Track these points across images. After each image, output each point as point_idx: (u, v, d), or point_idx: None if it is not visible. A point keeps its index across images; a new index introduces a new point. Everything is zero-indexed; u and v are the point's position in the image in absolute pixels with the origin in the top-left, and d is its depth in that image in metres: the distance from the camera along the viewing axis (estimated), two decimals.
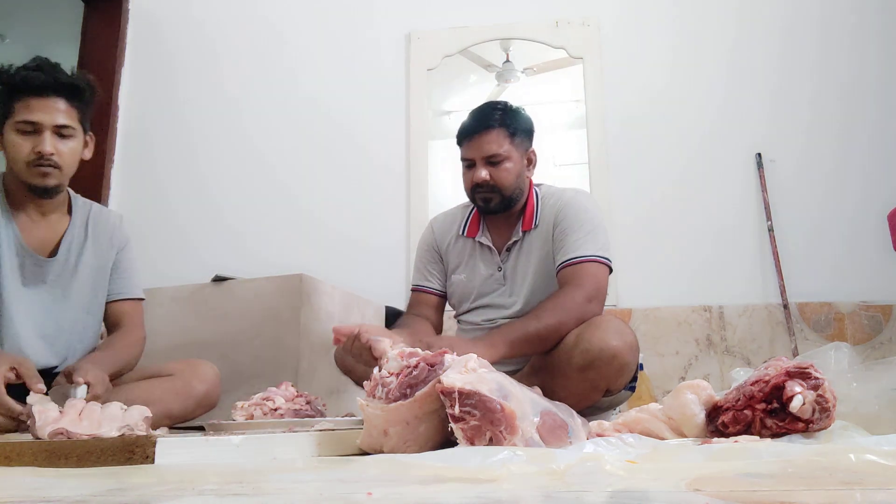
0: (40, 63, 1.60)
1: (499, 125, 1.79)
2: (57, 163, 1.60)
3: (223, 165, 3.23)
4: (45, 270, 1.67)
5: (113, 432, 1.09)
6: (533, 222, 1.83)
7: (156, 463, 0.88)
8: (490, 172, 1.78)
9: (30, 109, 1.57)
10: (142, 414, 1.20)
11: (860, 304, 2.72)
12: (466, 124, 1.84)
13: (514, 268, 1.84)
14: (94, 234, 1.77)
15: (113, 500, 0.66)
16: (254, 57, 3.32)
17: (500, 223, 1.89)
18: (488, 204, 1.81)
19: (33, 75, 1.57)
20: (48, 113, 1.58)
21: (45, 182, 1.61)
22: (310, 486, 0.74)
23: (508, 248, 1.85)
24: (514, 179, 1.80)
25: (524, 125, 1.85)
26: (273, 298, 2.26)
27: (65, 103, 1.60)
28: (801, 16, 3.00)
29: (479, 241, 1.89)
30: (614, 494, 0.69)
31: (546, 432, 1.03)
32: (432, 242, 1.97)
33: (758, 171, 2.88)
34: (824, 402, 1.09)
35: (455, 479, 0.75)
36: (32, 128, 1.57)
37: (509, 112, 1.83)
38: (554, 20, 3.14)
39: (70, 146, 1.62)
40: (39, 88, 1.57)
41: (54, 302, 1.69)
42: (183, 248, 3.13)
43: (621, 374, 1.59)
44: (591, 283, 1.67)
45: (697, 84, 3.01)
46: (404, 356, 1.06)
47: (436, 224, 2.00)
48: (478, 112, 1.85)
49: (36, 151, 1.57)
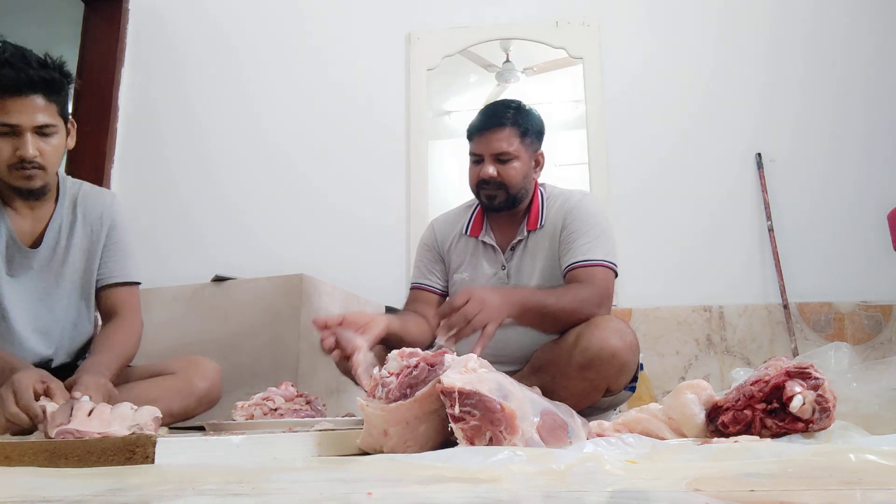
0: (9, 56, 1.48)
1: (511, 123, 1.79)
2: (41, 164, 1.53)
3: (223, 165, 3.23)
4: (32, 260, 1.63)
5: (123, 432, 1.09)
6: (538, 222, 1.83)
7: (156, 463, 0.88)
8: (497, 170, 1.78)
9: (6, 111, 1.48)
10: (152, 414, 1.19)
11: (860, 304, 2.72)
12: (478, 120, 1.83)
13: (518, 267, 1.83)
14: (84, 215, 1.70)
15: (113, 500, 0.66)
16: (254, 57, 3.32)
17: (504, 222, 1.88)
18: (492, 201, 1.81)
19: (6, 74, 1.47)
20: (27, 113, 1.49)
21: (31, 185, 1.55)
22: (310, 486, 0.74)
23: (513, 247, 1.85)
24: (520, 179, 1.80)
25: (535, 126, 1.85)
26: (273, 298, 2.26)
27: (42, 99, 1.51)
28: (801, 16, 3.00)
29: (483, 241, 1.88)
30: (614, 494, 0.69)
31: (546, 432, 1.03)
32: (433, 243, 1.96)
33: (757, 170, 2.88)
34: (824, 402, 1.09)
35: (455, 479, 0.75)
36: (11, 129, 1.49)
37: (522, 112, 1.83)
38: (554, 20, 3.14)
39: (53, 143, 1.55)
40: (13, 88, 1.47)
41: (46, 291, 1.65)
42: (183, 246, 3.12)
43: (621, 374, 1.59)
44: (601, 286, 1.67)
45: (697, 84, 3.01)
46: (404, 356, 1.06)
47: (437, 224, 2.00)
48: (491, 109, 1.85)
49: (18, 155, 1.50)
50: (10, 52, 1.49)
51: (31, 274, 1.64)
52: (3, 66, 1.47)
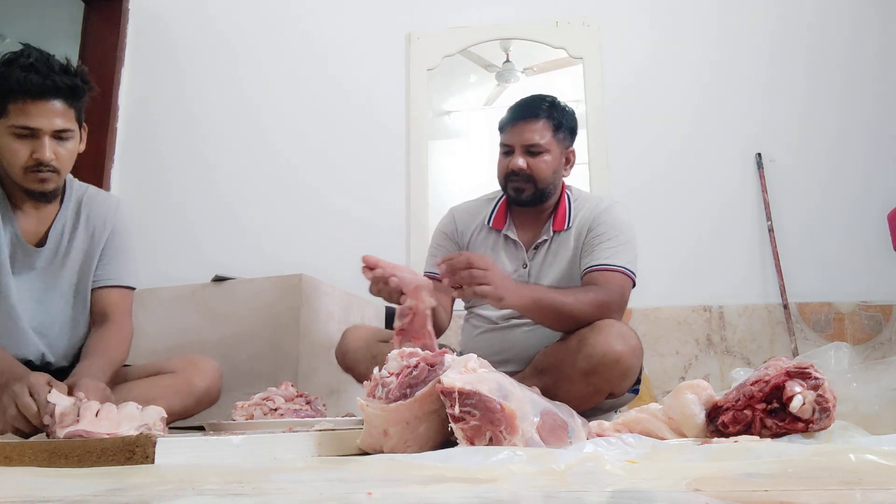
0: (34, 61, 1.50)
1: (545, 116, 1.78)
2: (56, 167, 1.55)
3: (223, 165, 3.23)
4: (35, 259, 1.64)
5: (132, 432, 1.09)
6: (566, 223, 1.81)
7: (156, 463, 0.88)
8: (528, 162, 1.76)
9: (27, 114, 1.50)
10: (159, 413, 1.19)
11: (860, 304, 2.72)
12: (512, 111, 1.82)
13: (540, 267, 1.81)
14: (87, 218, 1.71)
15: (113, 500, 0.66)
16: (254, 57, 3.32)
17: (528, 219, 1.86)
18: (520, 194, 1.79)
19: (31, 79, 1.49)
20: (47, 118, 1.51)
21: (44, 187, 1.57)
22: (310, 486, 0.74)
23: (536, 246, 1.82)
24: (550, 173, 1.78)
25: (569, 122, 1.83)
26: (273, 298, 2.26)
27: (63, 105, 1.53)
28: (801, 16, 3.00)
29: (506, 235, 1.85)
30: (614, 494, 0.69)
31: (546, 432, 1.03)
32: (452, 231, 1.93)
33: (758, 170, 2.88)
34: (824, 402, 1.09)
35: (455, 479, 0.75)
36: (31, 132, 1.51)
37: (557, 106, 1.81)
38: (554, 20, 3.14)
39: (69, 148, 1.58)
40: (37, 93, 1.49)
41: (45, 291, 1.66)
42: (183, 246, 3.12)
43: (625, 379, 1.58)
44: (617, 292, 1.67)
45: (697, 84, 3.01)
46: (404, 356, 1.06)
47: (457, 213, 1.95)
48: (526, 100, 1.83)
49: (35, 158, 1.52)
50: (35, 57, 1.51)
51: (32, 273, 1.65)
52: (29, 70, 1.49)
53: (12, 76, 1.48)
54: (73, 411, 1.13)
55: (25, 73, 1.48)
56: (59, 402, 1.16)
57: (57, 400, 1.17)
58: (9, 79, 1.48)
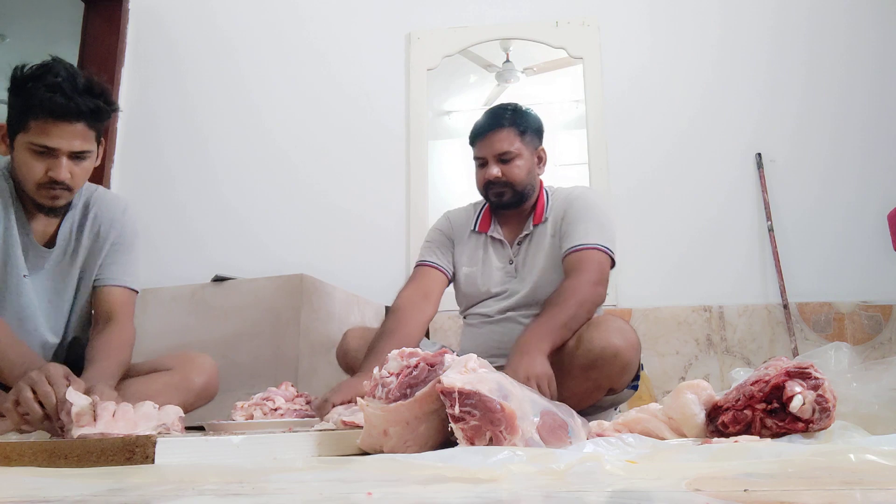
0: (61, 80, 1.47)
1: (509, 124, 1.85)
2: (70, 186, 1.55)
3: (223, 165, 3.23)
4: (45, 260, 1.65)
5: (149, 432, 1.08)
6: (543, 216, 1.89)
7: (156, 463, 0.88)
8: (502, 169, 1.84)
9: (47, 134, 1.47)
10: (177, 413, 1.19)
11: (860, 304, 2.72)
12: (478, 125, 1.91)
13: (524, 260, 1.88)
14: (94, 218, 1.71)
15: (113, 500, 0.66)
16: (254, 57, 3.32)
17: (512, 219, 1.94)
18: (501, 199, 1.87)
19: (55, 100, 1.45)
20: (66, 139, 1.49)
21: (55, 203, 1.57)
22: (310, 486, 0.74)
23: (519, 241, 1.90)
24: (525, 175, 1.86)
25: (533, 124, 1.91)
26: (273, 298, 2.26)
27: (84, 126, 1.51)
28: (801, 16, 3.00)
29: (492, 236, 1.93)
30: (614, 494, 0.69)
31: (546, 432, 1.03)
32: (448, 230, 2.00)
33: (757, 170, 2.88)
34: (824, 402, 1.09)
35: (455, 479, 0.75)
36: (48, 151, 1.49)
37: (519, 112, 1.90)
38: (554, 20, 3.14)
39: (84, 166, 1.57)
40: (60, 114, 1.47)
41: (55, 291, 1.67)
42: (183, 246, 3.12)
43: (624, 373, 1.60)
44: (595, 268, 1.70)
45: (697, 84, 3.01)
46: (404, 356, 1.06)
47: (452, 215, 2.04)
48: (489, 113, 1.93)
49: (49, 176, 1.51)
50: (62, 77, 1.48)
51: (42, 274, 1.66)
52: (55, 91, 1.46)
53: (37, 94, 1.46)
54: (89, 411, 1.12)
55: (51, 93, 1.46)
56: (77, 401, 1.15)
57: (74, 399, 1.15)
58: (34, 96, 1.46)
